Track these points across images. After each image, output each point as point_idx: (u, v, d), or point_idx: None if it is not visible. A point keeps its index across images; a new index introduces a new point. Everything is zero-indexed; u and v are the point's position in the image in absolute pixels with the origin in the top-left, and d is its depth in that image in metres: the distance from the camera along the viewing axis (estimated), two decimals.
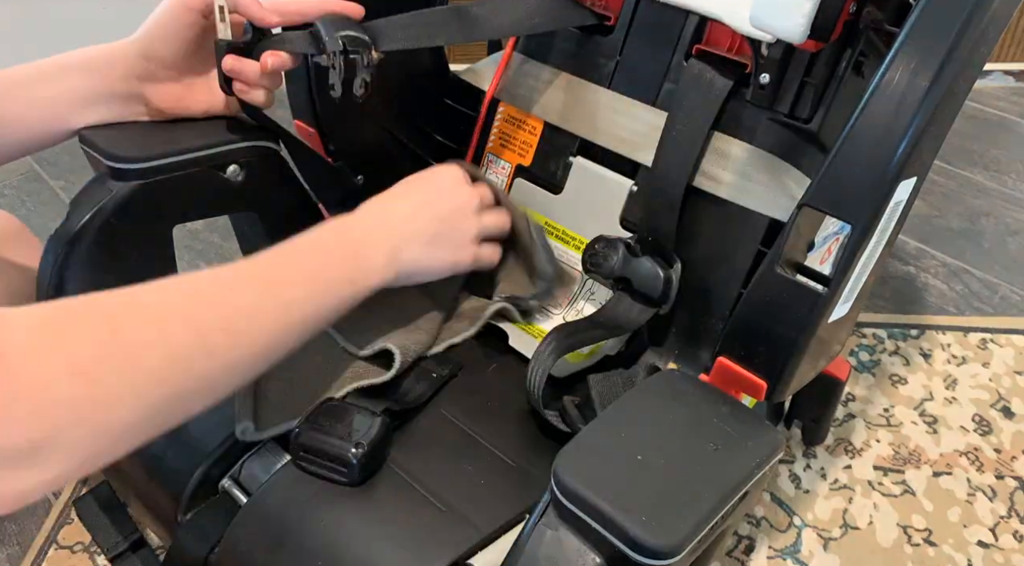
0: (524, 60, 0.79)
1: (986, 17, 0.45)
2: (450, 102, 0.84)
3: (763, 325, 0.53)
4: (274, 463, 0.60)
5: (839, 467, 0.86)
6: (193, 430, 0.60)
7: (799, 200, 0.50)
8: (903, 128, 0.46)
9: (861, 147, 0.47)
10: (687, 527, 0.42)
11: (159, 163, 0.65)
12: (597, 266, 0.70)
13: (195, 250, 1.09)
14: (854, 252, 0.48)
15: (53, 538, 0.79)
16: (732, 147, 0.67)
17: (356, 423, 0.58)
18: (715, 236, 0.68)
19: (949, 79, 0.45)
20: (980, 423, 0.92)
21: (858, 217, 0.47)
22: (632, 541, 0.41)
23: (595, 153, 0.75)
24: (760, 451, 0.48)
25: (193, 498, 0.59)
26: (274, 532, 0.55)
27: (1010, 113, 1.54)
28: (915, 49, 0.46)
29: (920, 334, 1.03)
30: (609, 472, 0.45)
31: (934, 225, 1.24)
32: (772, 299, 0.52)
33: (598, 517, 0.43)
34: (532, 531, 0.45)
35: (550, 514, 0.45)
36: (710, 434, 0.48)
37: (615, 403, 0.50)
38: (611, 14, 0.73)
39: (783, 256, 0.51)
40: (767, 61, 0.63)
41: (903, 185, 0.48)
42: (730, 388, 0.55)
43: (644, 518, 0.42)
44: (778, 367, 0.53)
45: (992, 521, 0.82)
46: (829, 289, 0.49)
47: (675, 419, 0.49)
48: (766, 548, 0.78)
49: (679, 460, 0.46)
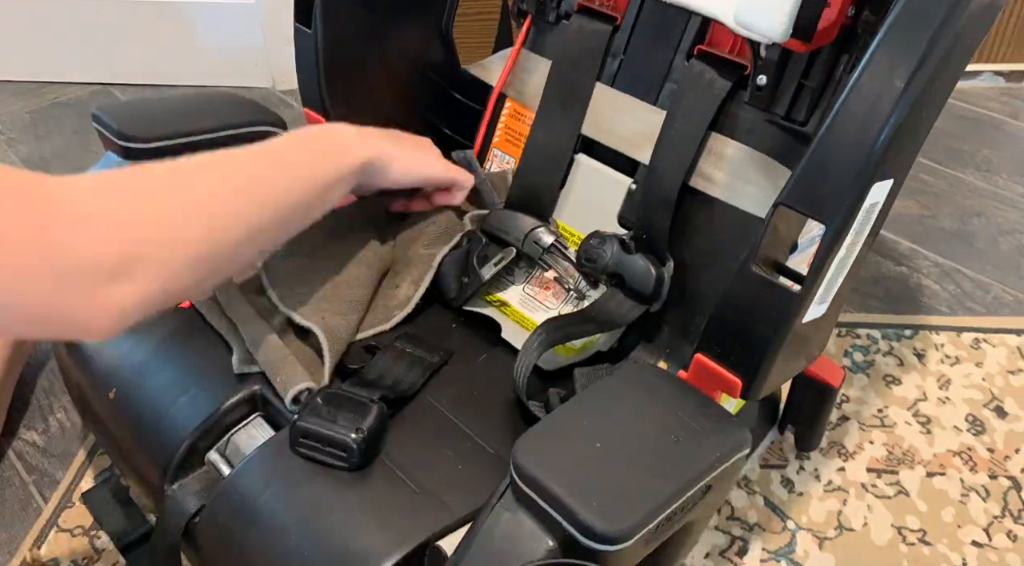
0: (532, 56, 0.80)
1: (963, 17, 0.45)
2: (458, 96, 0.85)
3: (739, 323, 0.53)
4: (259, 437, 0.61)
5: (832, 469, 0.86)
6: (183, 403, 0.62)
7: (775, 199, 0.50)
8: (878, 129, 0.46)
9: (836, 148, 0.47)
10: (638, 515, 0.43)
11: (168, 143, 0.67)
12: (591, 261, 0.71)
13: None
14: (828, 252, 0.48)
15: (44, 539, 0.81)
16: (728, 148, 0.67)
17: (355, 410, 0.59)
18: (709, 236, 0.69)
19: (925, 80, 0.45)
20: (973, 423, 0.91)
21: (832, 218, 0.48)
22: (582, 525, 0.42)
23: (597, 150, 0.75)
24: (722, 446, 0.48)
25: (180, 468, 0.61)
26: (253, 505, 0.57)
27: (1001, 113, 1.52)
28: (891, 50, 0.46)
29: (914, 334, 1.02)
30: (567, 458, 0.45)
31: (926, 225, 1.23)
32: (748, 297, 0.52)
33: (551, 501, 0.43)
34: (490, 513, 0.46)
35: (508, 497, 0.46)
36: (673, 427, 0.48)
37: (581, 392, 0.50)
38: (618, 14, 0.74)
39: (760, 255, 0.51)
40: (765, 62, 0.63)
41: (878, 187, 0.47)
42: (707, 385, 0.55)
43: (595, 504, 0.43)
44: (753, 365, 0.53)
45: (986, 521, 0.81)
46: (803, 288, 0.50)
47: (640, 410, 0.49)
48: (759, 550, 0.78)
49: (638, 450, 0.47)
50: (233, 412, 0.63)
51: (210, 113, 0.70)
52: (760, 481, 0.84)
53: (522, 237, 0.76)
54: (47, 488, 0.85)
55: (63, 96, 1.53)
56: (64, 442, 0.89)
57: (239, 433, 0.63)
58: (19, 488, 0.85)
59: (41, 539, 0.80)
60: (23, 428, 0.91)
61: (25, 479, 0.86)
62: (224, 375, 0.63)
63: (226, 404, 0.62)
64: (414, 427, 0.63)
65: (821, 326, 0.56)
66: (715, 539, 0.79)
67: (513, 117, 0.81)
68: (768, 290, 0.51)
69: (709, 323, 0.55)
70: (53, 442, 0.89)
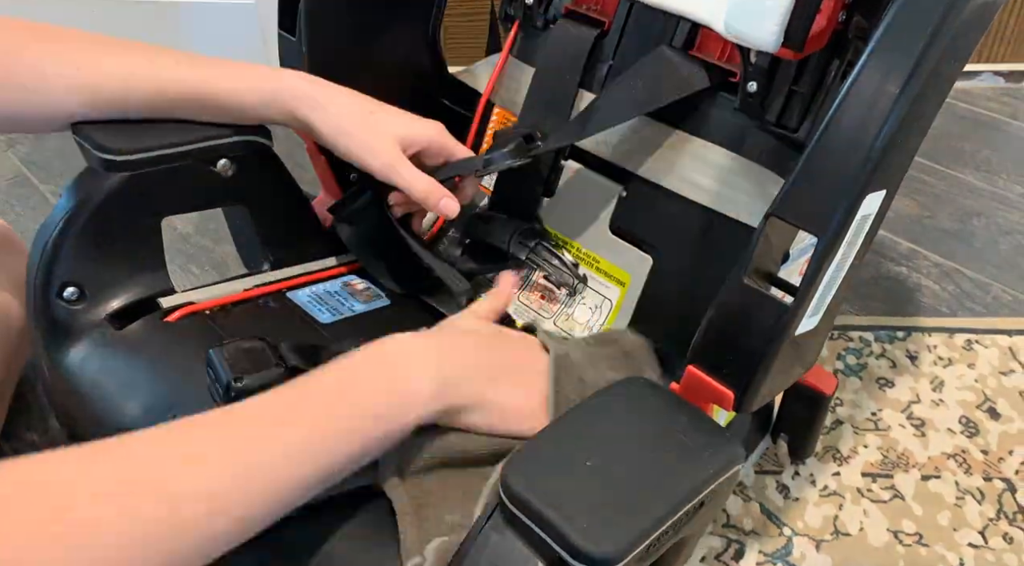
0: (519, 64, 0.79)
1: (960, 19, 0.44)
2: (447, 102, 0.84)
3: (730, 335, 0.52)
4: None
5: (828, 474, 0.85)
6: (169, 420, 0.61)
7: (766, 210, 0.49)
8: (871, 139, 0.45)
9: (829, 158, 0.46)
10: (629, 536, 0.42)
11: (149, 155, 0.66)
12: None
13: (186, 254, 1.10)
14: (820, 265, 0.48)
15: None
16: (717, 155, 0.66)
17: None
18: (699, 244, 0.68)
19: (920, 86, 0.44)
20: (967, 425, 0.91)
21: (824, 229, 0.47)
22: (572, 547, 0.41)
23: (587, 157, 0.75)
24: (715, 462, 0.47)
25: None
26: None
27: (1000, 113, 1.52)
28: (885, 56, 0.45)
29: (906, 336, 1.02)
30: (557, 478, 0.44)
31: (925, 226, 1.23)
32: (739, 309, 0.51)
33: (541, 522, 0.42)
34: (479, 534, 0.45)
35: (497, 517, 0.45)
36: (666, 443, 0.48)
37: (572, 409, 0.49)
38: (606, 19, 0.73)
39: (751, 266, 0.50)
40: (755, 69, 0.63)
41: (871, 198, 0.47)
42: (699, 397, 0.55)
43: (586, 525, 0.42)
44: (745, 378, 0.52)
45: (981, 524, 0.81)
46: (795, 301, 0.49)
47: (631, 427, 0.49)
48: (756, 553, 0.77)
49: (630, 468, 0.46)
50: None
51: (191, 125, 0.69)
52: (755, 487, 0.83)
53: (507, 239, 0.75)
54: None
55: None
56: (64, 443, 0.88)
57: None
58: None
59: None
60: (23, 429, 0.90)
61: None
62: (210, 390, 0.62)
63: None
64: None
65: (814, 337, 0.55)
66: (711, 542, 0.78)
67: (501, 124, 0.80)
68: (760, 302, 0.50)
69: (700, 335, 0.54)
70: (53, 443, 0.89)
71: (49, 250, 0.65)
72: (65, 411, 0.69)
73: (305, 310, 0.72)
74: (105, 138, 0.65)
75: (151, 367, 0.65)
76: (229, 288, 0.72)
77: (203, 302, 0.70)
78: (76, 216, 0.65)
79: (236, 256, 0.81)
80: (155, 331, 0.67)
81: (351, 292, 0.76)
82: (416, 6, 0.81)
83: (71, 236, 0.65)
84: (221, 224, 0.81)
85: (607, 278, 0.73)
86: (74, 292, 0.66)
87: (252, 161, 0.71)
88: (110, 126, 0.67)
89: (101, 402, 0.64)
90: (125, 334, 0.66)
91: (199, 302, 0.70)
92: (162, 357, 0.65)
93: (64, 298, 0.65)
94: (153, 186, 0.67)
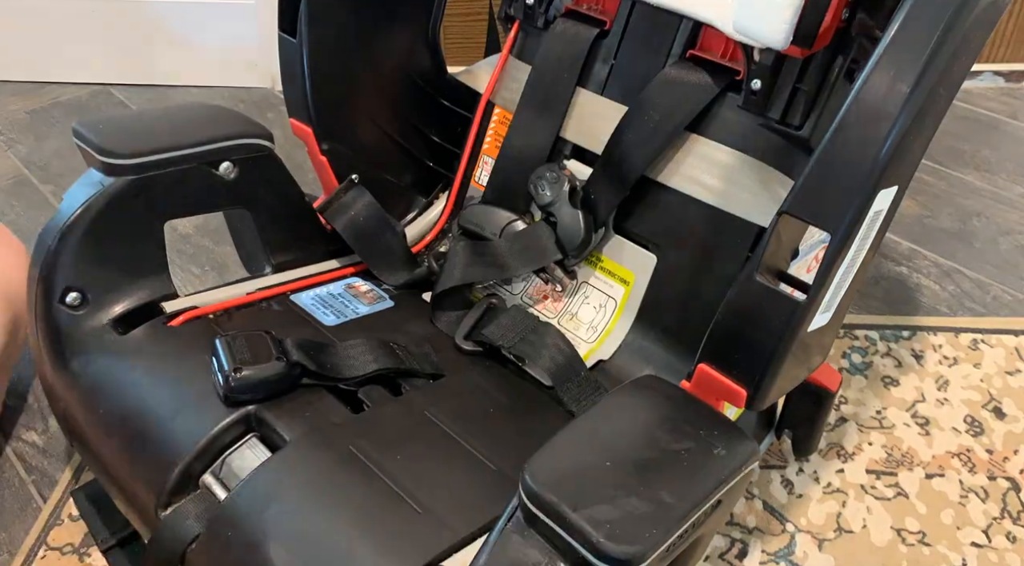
0: (519, 64, 0.79)
1: (970, 17, 0.44)
2: (447, 103, 0.84)
3: (743, 333, 0.52)
4: (254, 459, 0.60)
5: (831, 471, 0.85)
6: (174, 425, 0.61)
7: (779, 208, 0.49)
8: (883, 136, 0.45)
9: (841, 156, 0.47)
10: (653, 536, 0.42)
11: (152, 159, 0.66)
12: (536, 192, 0.72)
13: (187, 254, 1.09)
14: (833, 261, 0.48)
15: (43, 540, 0.79)
16: (721, 154, 0.66)
17: None
18: (703, 243, 0.68)
19: (931, 84, 0.45)
20: (972, 424, 0.91)
21: (837, 226, 0.47)
22: (596, 549, 0.41)
23: (589, 156, 0.75)
24: (733, 461, 0.47)
25: (173, 493, 0.59)
26: (250, 529, 0.55)
27: (1001, 113, 1.53)
28: (896, 54, 0.45)
29: (912, 335, 1.02)
30: (577, 479, 0.44)
31: (926, 226, 1.23)
32: (751, 307, 0.51)
33: (563, 523, 0.42)
34: (499, 536, 0.45)
35: (518, 519, 0.45)
36: (683, 442, 0.48)
37: (590, 410, 0.49)
38: (607, 18, 0.73)
39: (763, 264, 0.51)
40: (759, 67, 0.63)
41: (883, 194, 0.47)
42: (711, 395, 0.55)
43: (609, 525, 0.42)
44: (758, 375, 0.52)
45: (985, 523, 0.81)
46: (808, 298, 0.49)
47: (648, 427, 0.49)
48: (759, 552, 0.78)
49: (649, 467, 0.46)
50: (227, 433, 0.61)
51: (194, 128, 0.69)
52: (759, 483, 0.84)
53: (498, 231, 0.75)
54: (46, 488, 0.83)
55: (62, 96, 1.51)
56: (64, 442, 0.88)
57: (234, 455, 0.61)
58: (19, 488, 0.83)
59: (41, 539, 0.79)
60: (23, 428, 0.90)
61: (24, 479, 0.84)
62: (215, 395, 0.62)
63: (219, 425, 0.61)
64: (413, 443, 0.61)
65: (825, 334, 0.55)
66: (715, 541, 0.78)
67: (502, 124, 0.80)
68: (772, 299, 0.50)
69: (712, 333, 0.54)
70: (53, 442, 0.88)
71: (51, 255, 0.64)
72: (66, 417, 0.69)
73: (309, 313, 0.72)
74: (106, 141, 0.64)
75: (155, 373, 0.64)
76: (232, 292, 0.72)
77: (206, 306, 0.69)
78: (78, 221, 0.64)
79: (236, 256, 0.81)
80: (159, 336, 0.66)
81: (355, 294, 0.75)
82: (416, 6, 0.80)
83: (73, 241, 0.64)
84: (221, 224, 0.81)
85: (611, 277, 0.74)
86: (76, 297, 0.65)
87: (254, 164, 0.70)
88: (110, 128, 0.66)
89: (104, 409, 0.64)
90: (128, 339, 0.66)
91: (202, 306, 0.69)
92: (166, 362, 0.65)
93: (66, 303, 0.65)
94: (155, 189, 0.66)
